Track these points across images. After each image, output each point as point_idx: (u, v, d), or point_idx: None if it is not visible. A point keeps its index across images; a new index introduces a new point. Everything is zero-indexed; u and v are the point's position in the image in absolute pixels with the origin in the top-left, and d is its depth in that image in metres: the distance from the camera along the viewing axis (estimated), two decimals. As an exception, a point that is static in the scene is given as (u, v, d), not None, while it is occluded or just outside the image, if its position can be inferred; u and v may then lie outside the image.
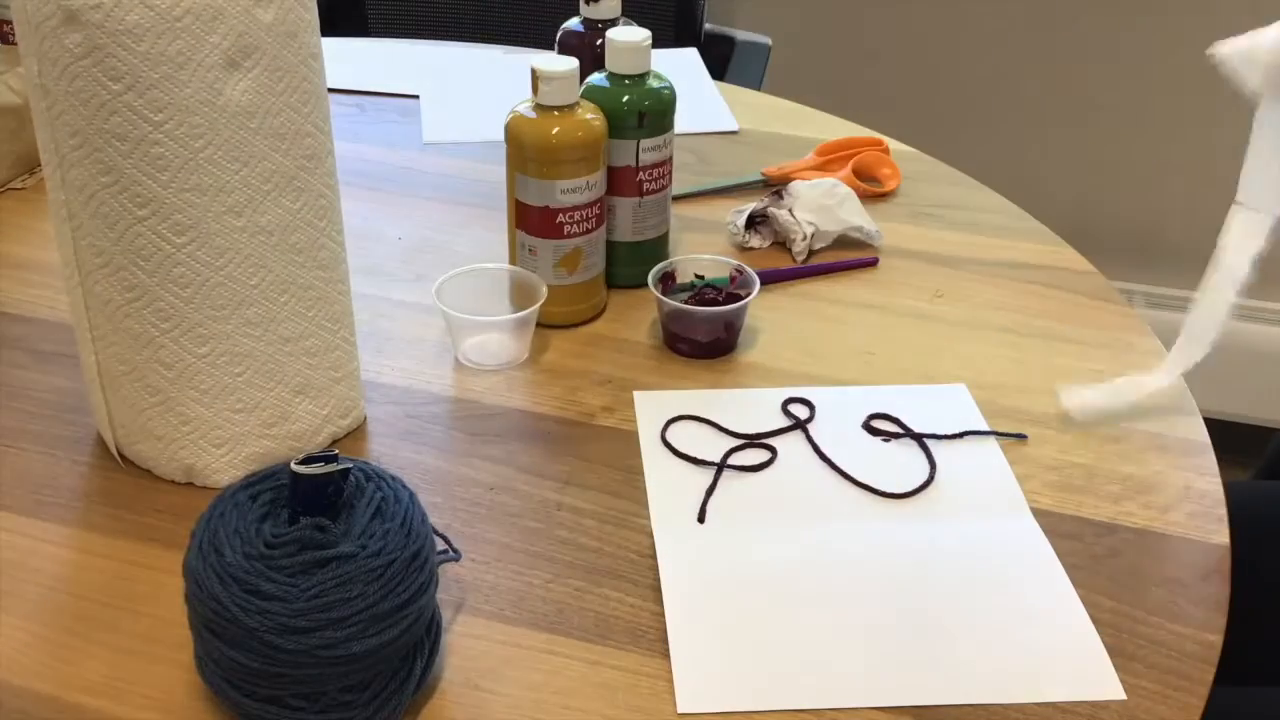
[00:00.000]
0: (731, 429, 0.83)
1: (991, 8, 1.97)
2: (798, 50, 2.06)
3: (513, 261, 0.95)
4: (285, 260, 0.74)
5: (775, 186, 1.10)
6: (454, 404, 0.86)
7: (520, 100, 0.91)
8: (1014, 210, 1.14)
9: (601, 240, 0.95)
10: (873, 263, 1.04)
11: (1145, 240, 2.08)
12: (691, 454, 0.81)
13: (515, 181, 0.91)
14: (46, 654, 0.65)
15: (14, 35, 0.91)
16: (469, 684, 0.64)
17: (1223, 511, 0.77)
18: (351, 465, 0.61)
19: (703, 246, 1.05)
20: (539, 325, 0.91)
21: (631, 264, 0.98)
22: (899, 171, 1.18)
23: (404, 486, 0.63)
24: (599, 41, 0.98)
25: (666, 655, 0.66)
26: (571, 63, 0.89)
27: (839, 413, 0.85)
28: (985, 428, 0.84)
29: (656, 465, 0.80)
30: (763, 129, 1.29)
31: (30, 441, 0.81)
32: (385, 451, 0.81)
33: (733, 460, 0.81)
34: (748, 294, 0.91)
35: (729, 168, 1.20)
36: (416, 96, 1.36)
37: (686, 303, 0.92)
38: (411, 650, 0.61)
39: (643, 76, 0.95)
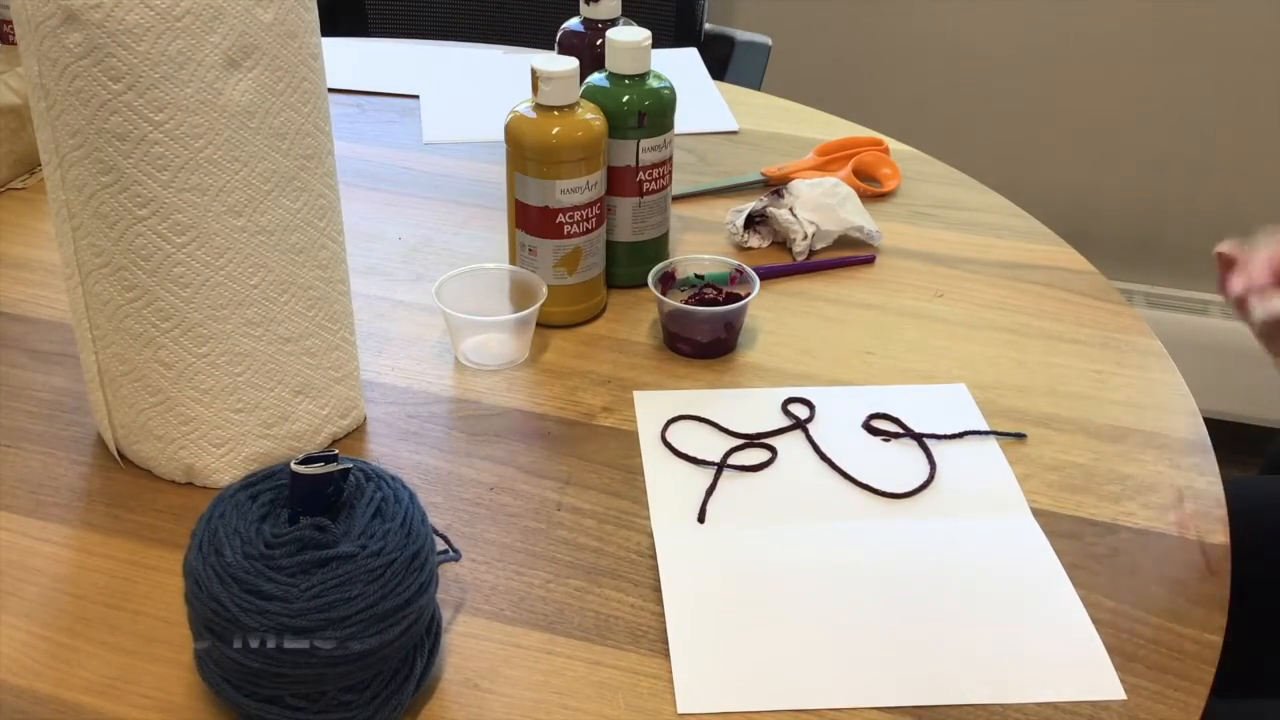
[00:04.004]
0: (731, 429, 0.83)
1: (991, 8, 1.97)
2: (798, 50, 2.06)
3: (513, 261, 0.95)
4: (285, 260, 0.74)
5: (775, 186, 1.10)
6: (454, 404, 0.86)
7: (520, 100, 0.91)
8: (1014, 210, 1.14)
9: (601, 240, 0.95)
10: (869, 260, 1.04)
11: (1145, 240, 2.09)
12: (691, 454, 0.81)
13: (515, 181, 0.91)
14: (46, 654, 0.65)
15: (14, 35, 0.91)
16: (468, 684, 0.64)
17: (1223, 512, 0.77)
18: (351, 465, 0.61)
19: (703, 246, 1.05)
20: (539, 325, 0.91)
21: (631, 264, 0.98)
22: (899, 171, 1.18)
23: (404, 486, 0.63)
24: (599, 41, 0.98)
25: (666, 655, 0.66)
26: (571, 63, 0.89)
27: (839, 413, 0.85)
28: (985, 428, 0.84)
29: (656, 465, 0.80)
30: (763, 129, 1.29)
31: (30, 441, 0.81)
32: (385, 451, 0.81)
33: (733, 460, 0.81)
34: (748, 294, 0.91)
35: (729, 168, 1.20)
36: (416, 96, 1.36)
37: (686, 303, 0.92)
38: (411, 650, 0.61)
39: (643, 76, 0.95)
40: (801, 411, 0.85)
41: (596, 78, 0.95)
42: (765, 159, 1.21)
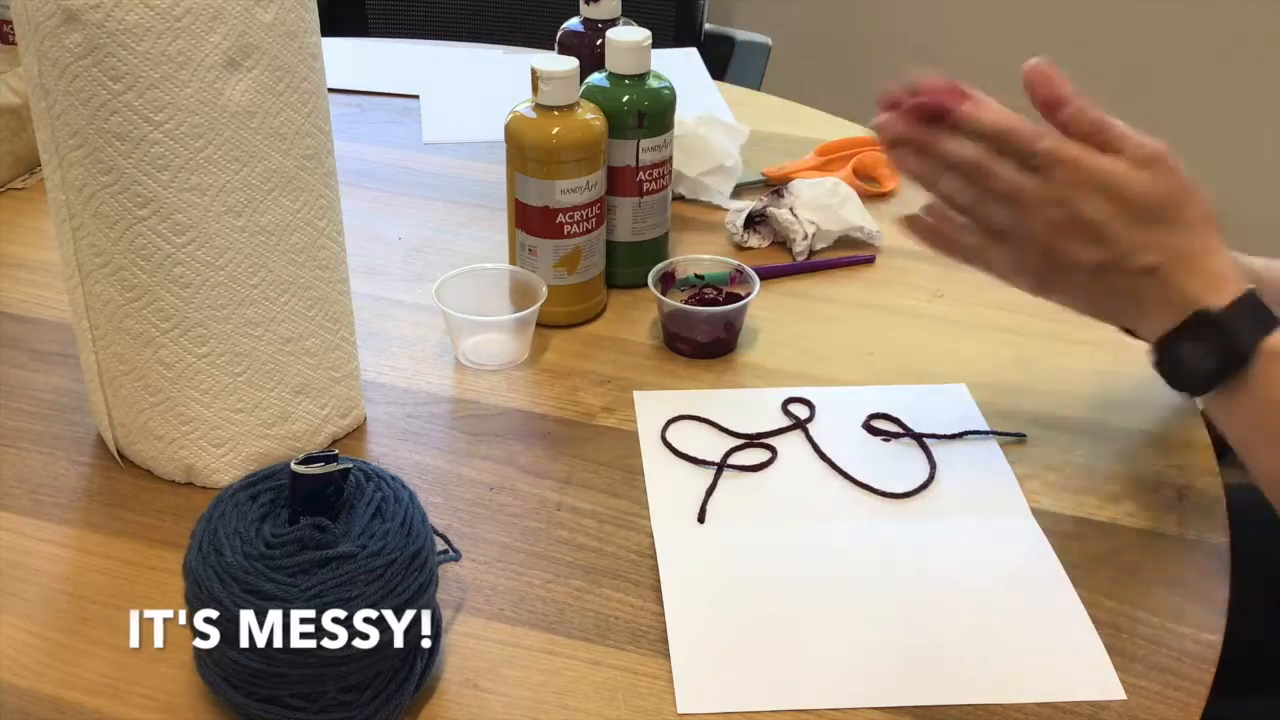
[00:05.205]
0: (731, 429, 0.83)
1: (991, 7, 1.97)
2: (798, 50, 2.06)
3: (513, 261, 0.95)
4: (285, 260, 0.74)
5: (775, 186, 1.10)
6: (454, 404, 0.86)
7: (520, 100, 0.91)
8: (1014, 210, 1.14)
9: (601, 240, 0.95)
10: (869, 260, 1.04)
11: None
12: (691, 454, 0.81)
13: (515, 181, 0.91)
14: (46, 654, 0.65)
15: (14, 35, 0.91)
16: (469, 684, 0.64)
17: (1223, 511, 0.77)
18: (351, 465, 0.61)
19: (703, 246, 1.05)
20: (539, 325, 0.91)
21: (631, 264, 0.98)
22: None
23: (404, 486, 0.63)
24: (599, 41, 0.98)
25: (666, 655, 0.66)
26: (571, 63, 0.89)
27: (839, 413, 0.85)
28: (985, 428, 0.84)
29: (656, 465, 0.80)
30: (763, 129, 1.29)
31: (30, 441, 0.81)
32: (385, 451, 0.81)
33: (733, 460, 0.81)
34: (748, 294, 0.91)
35: (729, 168, 1.20)
36: (416, 96, 1.36)
37: (686, 303, 0.92)
38: (411, 650, 0.61)
39: (643, 76, 0.95)
40: (801, 411, 0.85)
41: (596, 78, 0.95)
42: (765, 159, 1.21)
